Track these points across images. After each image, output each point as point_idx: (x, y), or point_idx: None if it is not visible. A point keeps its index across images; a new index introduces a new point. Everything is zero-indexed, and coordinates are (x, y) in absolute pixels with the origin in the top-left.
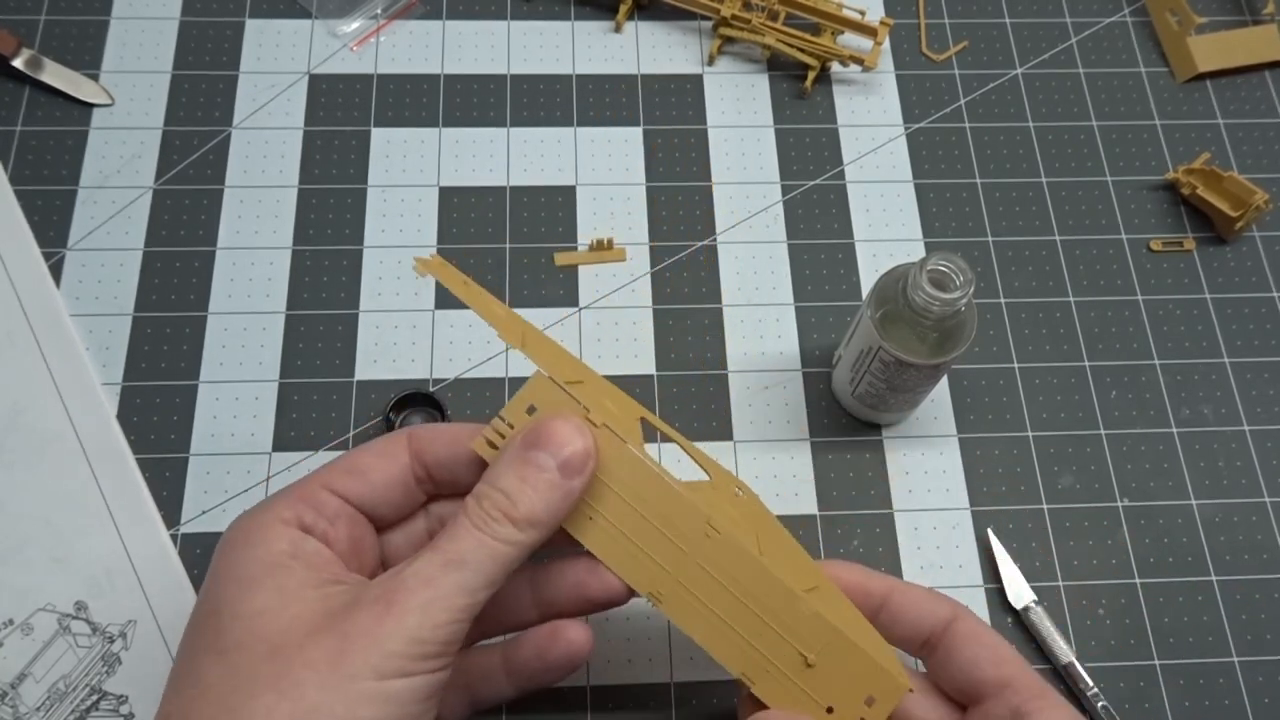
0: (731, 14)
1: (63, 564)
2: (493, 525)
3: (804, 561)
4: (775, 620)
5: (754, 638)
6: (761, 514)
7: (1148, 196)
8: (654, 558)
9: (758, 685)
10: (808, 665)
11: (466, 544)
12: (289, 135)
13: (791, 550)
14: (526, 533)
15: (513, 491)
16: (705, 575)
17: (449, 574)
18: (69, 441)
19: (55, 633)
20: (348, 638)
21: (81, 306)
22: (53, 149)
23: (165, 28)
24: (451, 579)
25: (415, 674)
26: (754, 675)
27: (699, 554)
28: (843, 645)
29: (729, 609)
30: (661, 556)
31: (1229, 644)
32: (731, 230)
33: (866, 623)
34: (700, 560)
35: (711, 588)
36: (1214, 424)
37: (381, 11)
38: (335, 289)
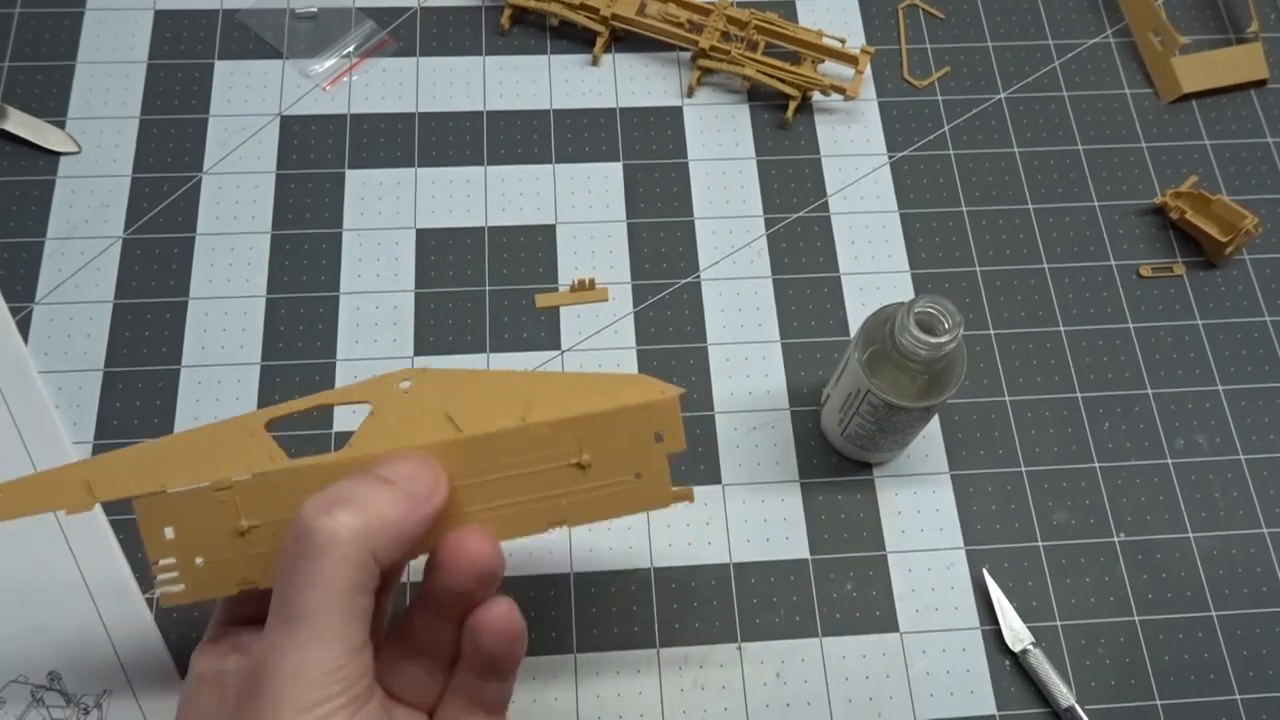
0: (710, 45)
1: (35, 633)
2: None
3: (506, 385)
4: (523, 463)
5: (526, 493)
6: (440, 381)
7: (1136, 221)
8: None
9: (570, 519)
10: (583, 467)
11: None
12: (261, 179)
13: (488, 388)
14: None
15: (319, 504)
16: None
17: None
18: None
19: (28, 705)
20: None
21: (50, 363)
22: (18, 200)
23: (132, 71)
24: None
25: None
26: (560, 516)
27: None
28: (592, 425)
29: (486, 494)
30: None
31: (1231, 681)
32: (715, 266)
33: (595, 377)
34: None
35: (457, 495)
36: (1209, 454)
37: (353, 50)
38: (311, 337)
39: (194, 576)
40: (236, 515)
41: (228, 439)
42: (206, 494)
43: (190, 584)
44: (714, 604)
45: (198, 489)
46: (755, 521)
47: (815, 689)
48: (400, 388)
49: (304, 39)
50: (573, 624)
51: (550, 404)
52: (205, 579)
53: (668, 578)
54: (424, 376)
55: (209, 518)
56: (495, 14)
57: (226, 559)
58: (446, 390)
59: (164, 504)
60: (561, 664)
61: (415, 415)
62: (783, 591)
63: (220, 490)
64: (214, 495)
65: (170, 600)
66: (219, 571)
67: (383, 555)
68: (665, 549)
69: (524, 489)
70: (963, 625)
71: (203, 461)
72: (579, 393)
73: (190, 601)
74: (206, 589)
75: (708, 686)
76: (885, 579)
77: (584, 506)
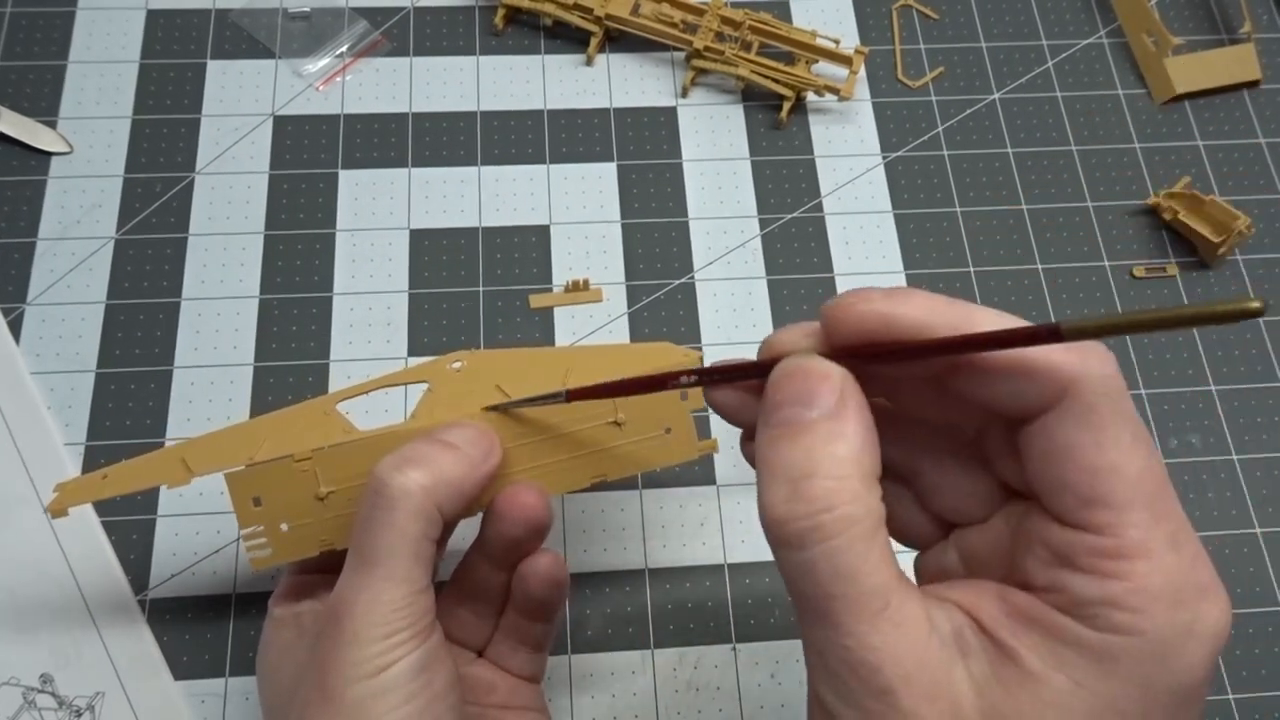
0: (704, 45)
1: (26, 635)
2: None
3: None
4: (565, 425)
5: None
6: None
7: (1129, 222)
8: None
9: (610, 472)
10: (619, 425)
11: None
12: (254, 179)
13: (531, 362)
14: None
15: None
16: None
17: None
18: (32, 506)
19: (20, 708)
20: (322, 665)
21: (42, 364)
22: (10, 200)
23: (124, 71)
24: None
25: (398, 659)
26: (601, 470)
27: None
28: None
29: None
30: None
31: (1224, 681)
32: (709, 267)
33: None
34: None
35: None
36: (1203, 454)
37: (346, 50)
38: (305, 338)
39: (279, 541)
40: (316, 482)
41: (304, 418)
42: (288, 465)
43: (276, 547)
44: (709, 605)
45: (280, 460)
46: (750, 522)
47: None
48: (453, 367)
49: (297, 39)
50: (567, 625)
51: (586, 372)
52: (290, 542)
53: (662, 578)
54: (474, 357)
55: (291, 486)
56: (489, 14)
57: (308, 523)
58: (495, 366)
59: (251, 476)
60: (556, 665)
61: (469, 388)
62: (777, 592)
63: (301, 460)
64: (295, 466)
65: (260, 563)
66: (302, 535)
67: (446, 508)
68: (660, 549)
69: (567, 448)
70: None
71: (283, 438)
72: (611, 361)
73: (276, 563)
74: (291, 551)
75: (703, 688)
76: None
77: (621, 461)
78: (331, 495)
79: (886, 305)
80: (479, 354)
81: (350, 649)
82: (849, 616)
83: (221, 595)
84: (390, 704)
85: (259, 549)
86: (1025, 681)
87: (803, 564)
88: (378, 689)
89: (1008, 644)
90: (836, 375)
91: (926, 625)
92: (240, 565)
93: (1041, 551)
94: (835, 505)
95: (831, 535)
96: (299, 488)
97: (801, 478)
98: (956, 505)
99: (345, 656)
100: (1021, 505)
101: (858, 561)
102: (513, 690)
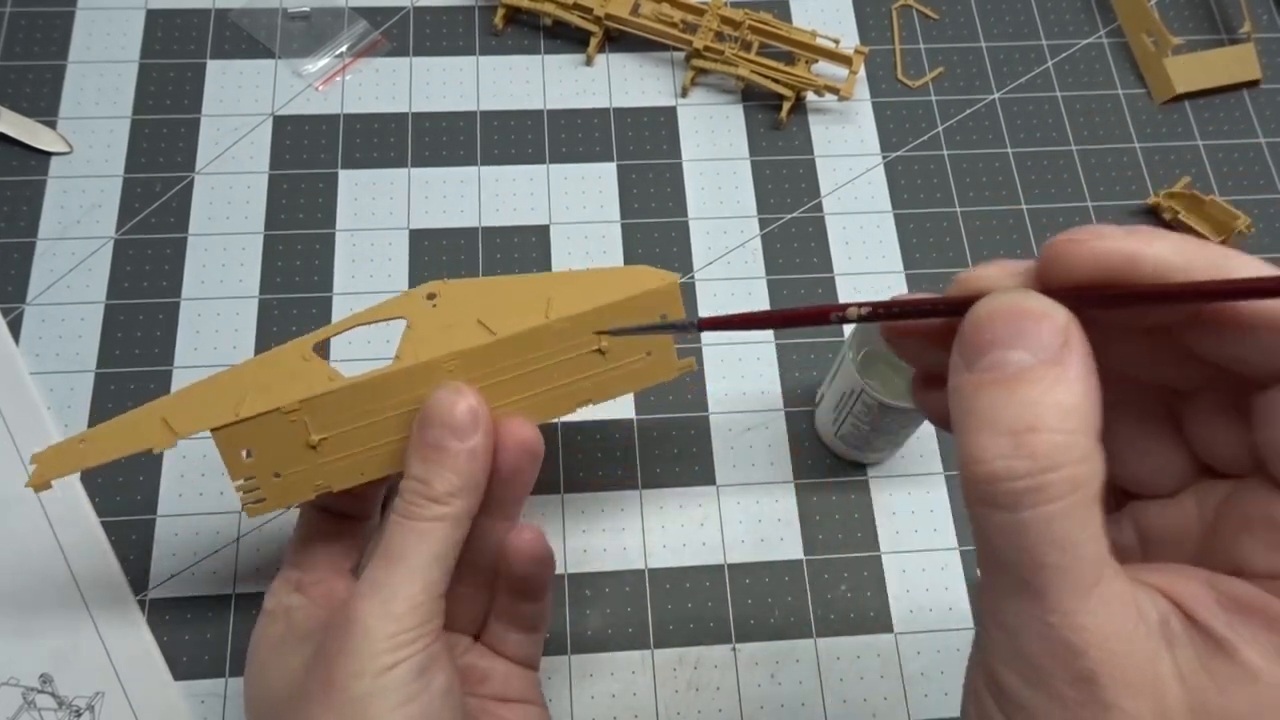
0: (704, 45)
1: (26, 635)
2: (417, 510)
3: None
4: (550, 355)
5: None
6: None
7: (1129, 222)
8: None
9: (595, 397)
10: (603, 352)
11: (398, 537)
12: (254, 179)
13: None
14: (451, 503)
15: (422, 474)
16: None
17: (393, 569)
18: (31, 506)
19: (19, 708)
20: (328, 662)
21: (42, 364)
22: (9, 200)
23: (124, 71)
24: (397, 572)
25: (401, 660)
26: (586, 396)
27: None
28: (607, 314)
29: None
30: None
31: None
32: (709, 267)
33: (604, 271)
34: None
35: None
36: None
37: (346, 50)
38: None
39: (273, 489)
40: (306, 432)
41: (283, 364)
42: (277, 417)
43: (271, 496)
44: (708, 605)
45: (268, 413)
46: (749, 522)
47: (810, 690)
48: (428, 302)
49: (297, 39)
50: (567, 625)
51: (567, 300)
52: (284, 489)
53: (662, 579)
54: (447, 287)
55: (281, 437)
56: (489, 14)
57: (301, 470)
58: (472, 298)
59: (239, 431)
60: (556, 665)
61: (449, 323)
62: (777, 592)
63: (290, 412)
64: (284, 417)
65: (255, 511)
66: (296, 481)
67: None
68: (659, 550)
69: (553, 377)
70: (957, 626)
71: (267, 388)
72: (591, 287)
73: (272, 510)
74: (286, 497)
75: (702, 688)
76: (880, 580)
77: (606, 385)
78: (323, 442)
79: (1131, 243)
80: (452, 284)
81: (361, 644)
82: (1059, 590)
83: (221, 595)
84: (392, 703)
85: (253, 499)
86: (1243, 679)
87: (1013, 527)
88: (380, 688)
89: (1223, 636)
90: (1061, 315)
91: (1135, 609)
92: (240, 565)
93: (1265, 534)
94: (1062, 464)
95: (1055, 497)
96: (289, 438)
97: (1026, 430)
98: (1143, 476)
99: (355, 650)
100: (1225, 484)
101: (1077, 529)
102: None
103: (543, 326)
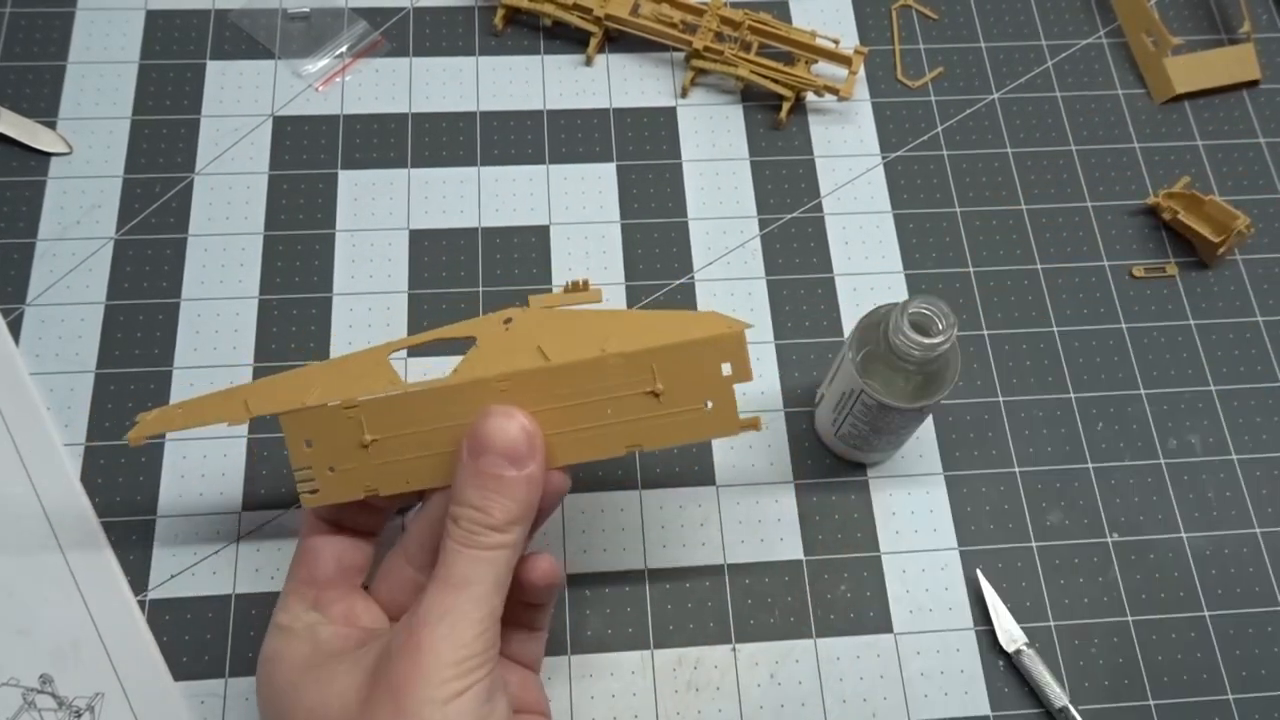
0: (704, 45)
1: (26, 635)
2: (477, 539)
3: (592, 320)
4: (602, 390)
5: (605, 418)
6: (538, 319)
7: (1129, 222)
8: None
9: (645, 442)
10: (657, 395)
11: (462, 565)
12: (254, 180)
13: (576, 324)
14: (511, 531)
15: (479, 503)
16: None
17: (458, 596)
18: (30, 505)
19: (19, 708)
20: (396, 690)
21: (41, 364)
22: (9, 201)
23: (124, 71)
24: (462, 599)
25: (469, 686)
26: (637, 440)
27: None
28: (665, 356)
29: (571, 417)
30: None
31: (1223, 681)
32: (709, 267)
33: (670, 314)
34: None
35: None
36: (1202, 454)
37: (346, 50)
38: (305, 339)
39: (327, 482)
40: (361, 430)
41: (358, 367)
42: (337, 411)
43: (325, 488)
44: (708, 605)
45: (330, 406)
46: (749, 522)
47: (810, 690)
48: (502, 325)
49: (296, 39)
50: (567, 625)
51: (628, 337)
52: (336, 485)
53: (662, 579)
54: (524, 315)
55: (339, 432)
56: (488, 14)
57: (353, 468)
58: (540, 325)
59: (303, 418)
60: (556, 665)
61: (512, 347)
62: (777, 592)
63: (349, 408)
64: (343, 412)
65: (310, 501)
66: (347, 479)
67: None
68: (659, 550)
69: (604, 414)
70: (957, 626)
71: (337, 385)
72: (654, 327)
73: (326, 502)
74: (337, 493)
75: (702, 688)
76: (879, 580)
77: (658, 431)
78: (375, 444)
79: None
80: (529, 312)
81: (431, 671)
82: None
83: (221, 595)
84: None
85: (309, 488)
86: None
87: None
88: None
89: None
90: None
91: None
92: (240, 565)
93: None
94: None
95: None
96: (346, 434)
97: None
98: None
99: (425, 678)
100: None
101: None
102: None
103: (597, 359)
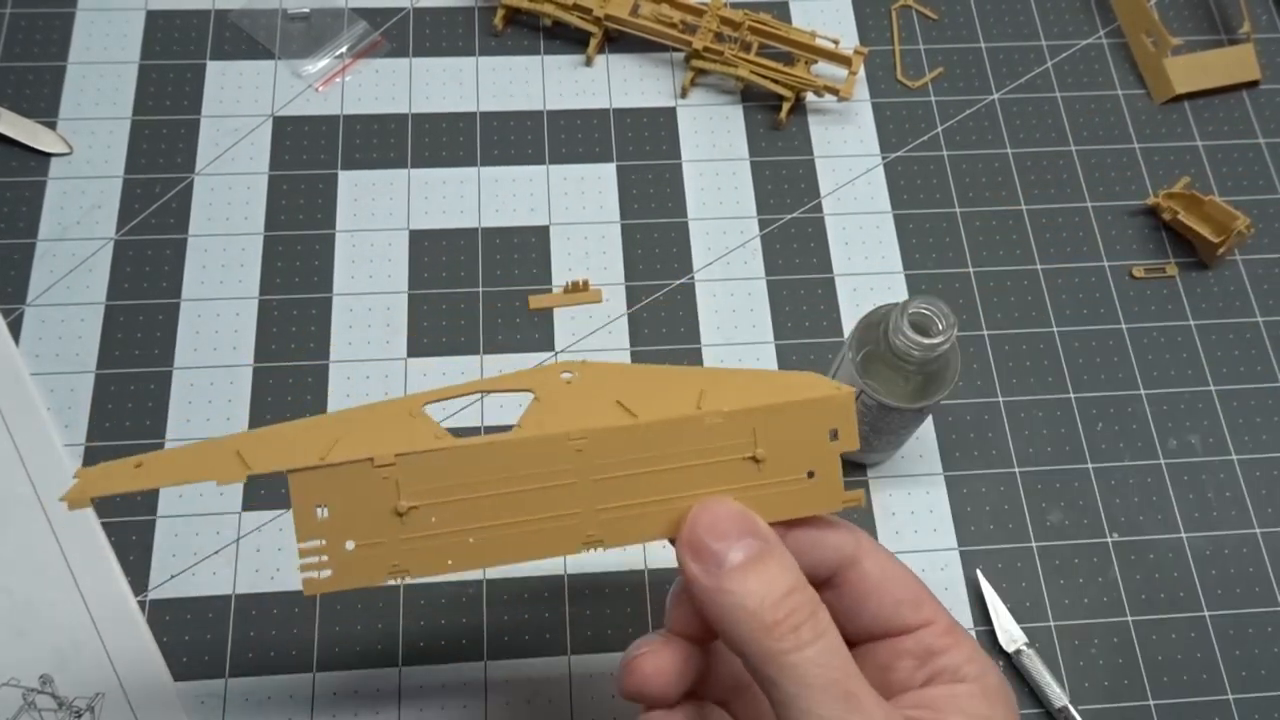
0: (704, 46)
1: (26, 635)
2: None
3: (674, 377)
4: (698, 453)
5: (703, 485)
6: (605, 373)
7: (1129, 222)
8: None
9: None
10: (758, 461)
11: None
12: (254, 180)
13: (655, 380)
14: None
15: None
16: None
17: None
18: (31, 506)
19: (20, 708)
20: None
21: (42, 364)
22: (9, 201)
23: (124, 72)
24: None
25: None
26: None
27: (587, 471)
28: (767, 416)
29: (660, 485)
30: (558, 506)
31: (1223, 681)
32: (709, 268)
33: (766, 373)
34: (591, 476)
35: (626, 486)
36: (1202, 454)
37: (346, 51)
38: (304, 339)
39: (342, 561)
40: (396, 493)
41: (386, 418)
42: (366, 469)
43: (338, 569)
44: None
45: (357, 462)
46: None
47: None
48: (562, 378)
49: (296, 40)
50: (567, 626)
51: (722, 395)
52: (354, 564)
53: (663, 579)
54: (586, 368)
55: (367, 495)
56: (488, 15)
57: (379, 543)
58: (613, 380)
59: (320, 478)
60: (556, 666)
61: (583, 402)
62: None
63: (383, 466)
64: (374, 471)
65: (315, 588)
66: (370, 556)
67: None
68: (659, 550)
69: (696, 480)
70: None
71: (361, 439)
72: (750, 386)
73: (336, 589)
74: (354, 577)
75: None
76: None
77: (759, 503)
78: (413, 511)
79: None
80: (591, 365)
81: None
82: None
83: (221, 595)
84: None
85: (316, 569)
86: None
87: None
88: None
89: None
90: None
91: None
92: (240, 565)
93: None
94: None
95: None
96: (375, 498)
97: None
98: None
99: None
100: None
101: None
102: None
103: (693, 417)
